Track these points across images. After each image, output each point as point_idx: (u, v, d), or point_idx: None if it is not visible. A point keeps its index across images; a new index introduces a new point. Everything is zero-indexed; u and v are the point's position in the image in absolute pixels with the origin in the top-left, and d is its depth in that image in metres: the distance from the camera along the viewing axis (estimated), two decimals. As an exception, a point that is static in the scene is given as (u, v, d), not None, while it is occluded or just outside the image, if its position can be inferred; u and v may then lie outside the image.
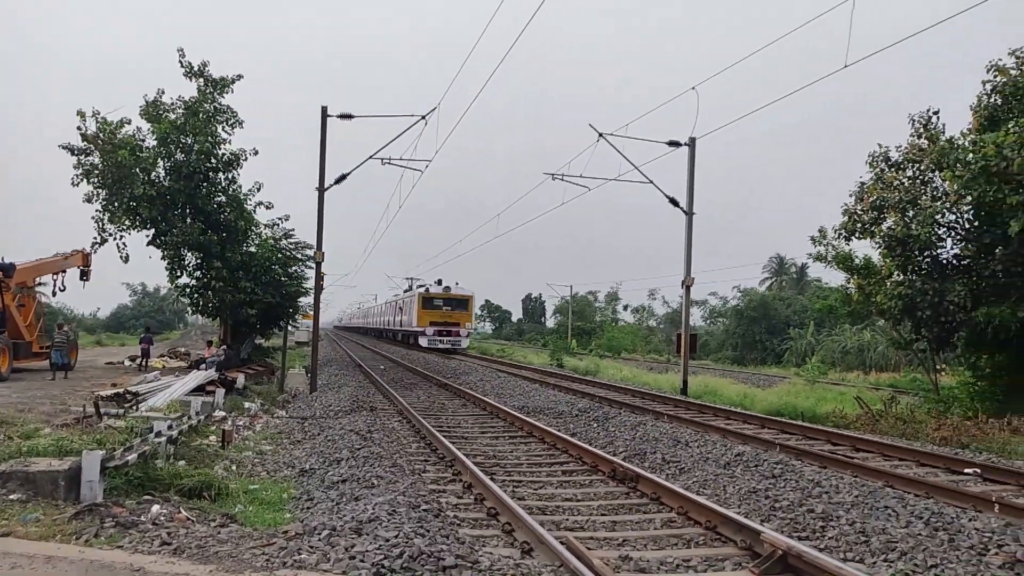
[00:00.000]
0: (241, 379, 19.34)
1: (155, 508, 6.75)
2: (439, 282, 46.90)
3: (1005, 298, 15.89)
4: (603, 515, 7.58)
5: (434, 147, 29.29)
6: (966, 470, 10.05)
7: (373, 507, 6.71)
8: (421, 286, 49.83)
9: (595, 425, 13.68)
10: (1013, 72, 16.15)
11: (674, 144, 22.46)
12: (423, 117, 19.76)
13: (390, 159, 21.34)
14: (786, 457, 10.38)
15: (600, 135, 21.62)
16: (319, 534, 5.87)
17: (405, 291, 58.19)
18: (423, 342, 44.49)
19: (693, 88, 18.68)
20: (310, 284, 24.76)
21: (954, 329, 17.37)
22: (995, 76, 16.42)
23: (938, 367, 22.26)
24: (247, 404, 16.02)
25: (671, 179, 23.13)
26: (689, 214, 22.53)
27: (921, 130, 18.65)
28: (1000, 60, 16.55)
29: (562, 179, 23.73)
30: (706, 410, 16.99)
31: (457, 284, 46.59)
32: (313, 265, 20.70)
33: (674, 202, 22.81)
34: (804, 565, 5.44)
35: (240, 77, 22.43)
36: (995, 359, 17.85)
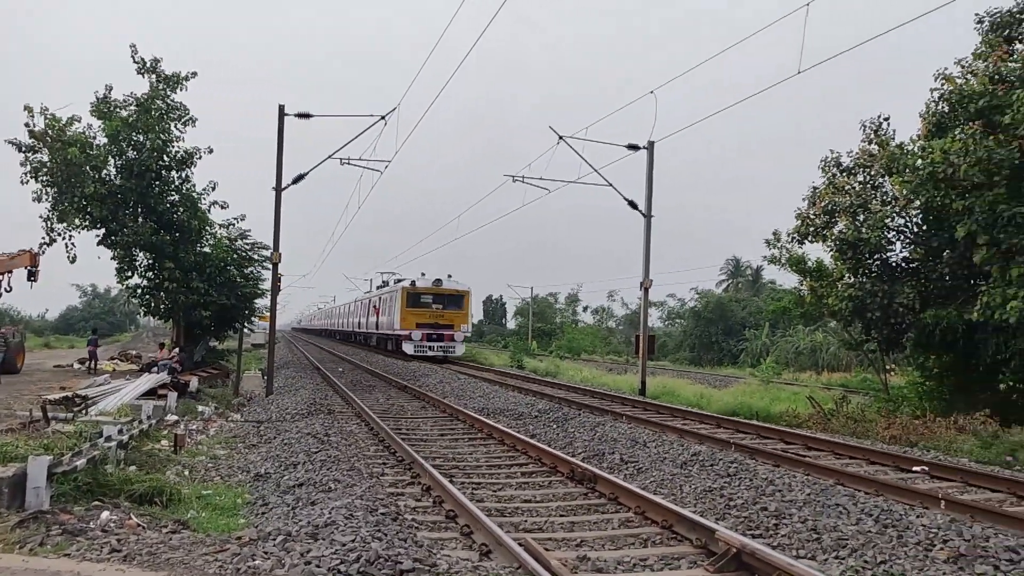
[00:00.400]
0: (194, 382, 19.00)
1: (104, 515, 6.58)
2: (425, 275, 38.98)
3: (951, 300, 16.37)
4: (562, 516, 7.61)
5: (400, 148, 29.04)
6: (914, 468, 10.32)
7: (330, 511, 6.63)
8: (399, 280, 41.78)
9: (555, 426, 13.73)
10: (959, 80, 16.64)
11: (633, 147, 22.69)
12: (383, 117, 19.65)
13: (349, 159, 21.16)
14: (741, 456, 10.54)
15: (560, 138, 21.75)
16: (274, 539, 5.79)
17: (380, 287, 49.81)
18: (408, 349, 36.33)
19: (652, 92, 18.92)
20: (267, 285, 24.41)
21: (903, 330, 17.84)
22: (942, 84, 16.90)
23: (887, 367, 22.85)
24: (201, 408, 15.73)
25: (631, 182, 23.34)
26: (647, 217, 22.77)
27: (872, 136, 19.15)
28: (947, 69, 17.06)
29: (522, 181, 23.84)
30: (664, 410, 17.18)
31: (450, 277, 38.60)
32: (270, 266, 20.39)
33: (633, 205, 23.03)
34: (757, 563, 5.53)
35: (195, 75, 22.02)
36: (942, 360, 18.38)
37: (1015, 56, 16.18)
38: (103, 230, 21.74)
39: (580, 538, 6.75)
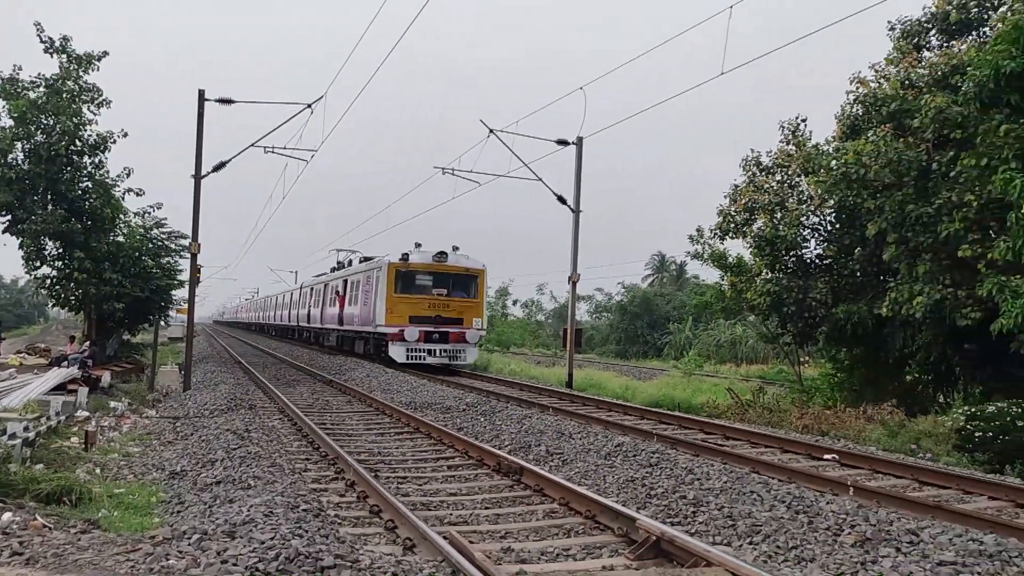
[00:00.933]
0: (107, 377, 18.26)
1: (6, 516, 6.25)
2: (421, 246, 26.09)
3: (862, 296, 17.13)
4: (487, 508, 7.64)
5: (327, 138, 28.41)
6: (825, 456, 10.75)
7: (249, 509, 6.48)
8: (369, 259, 29.36)
9: (482, 419, 13.74)
10: (872, 84, 17.40)
11: (562, 143, 22.85)
12: (309, 106, 19.21)
13: (273, 148, 20.65)
14: (663, 446, 10.78)
15: (491, 131, 21.73)
16: (189, 538, 5.61)
17: (337, 268, 36.41)
18: (397, 354, 24.49)
19: (581, 88, 19.07)
20: (185, 277, 23.62)
21: (816, 324, 18.59)
22: (857, 88, 17.64)
23: (802, 360, 23.79)
24: (113, 404, 15.12)
25: (562, 177, 23.51)
26: (576, 212, 23.00)
27: (790, 136, 19.86)
28: (861, 72, 17.82)
29: (452, 173, 23.71)
30: (590, 402, 17.42)
31: (457, 250, 26.61)
32: (188, 256, 19.72)
33: (562, 200, 23.22)
34: (675, 549, 5.68)
35: (106, 54, 21.06)
36: (852, 352, 19.25)
37: (923, 63, 17.03)
38: (9, 217, 20.62)
39: (505, 530, 6.80)
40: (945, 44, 17.43)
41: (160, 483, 8.56)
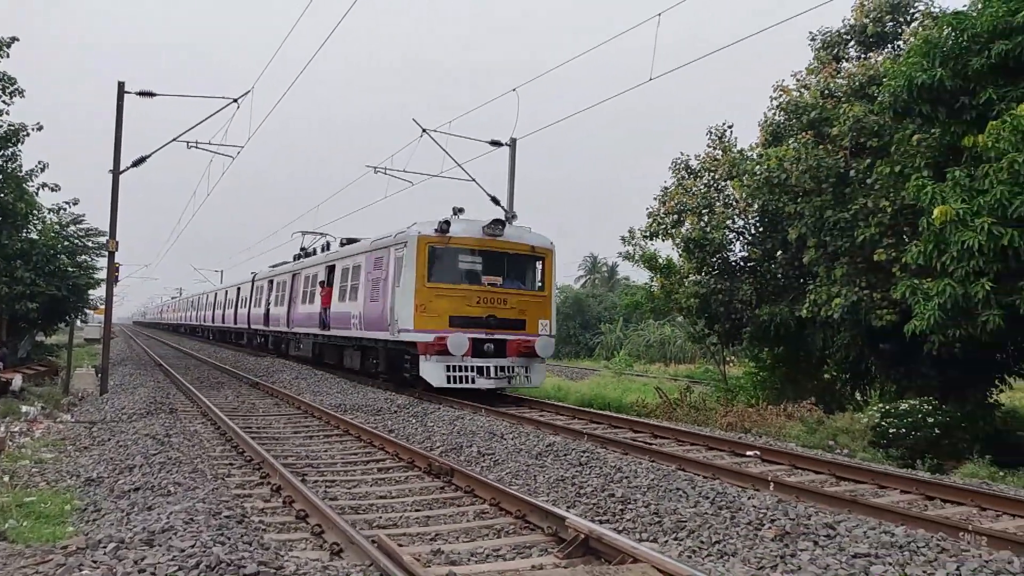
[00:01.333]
0: (18, 380, 17.38)
1: (-99, 530, 5.89)
2: (461, 213, 18.12)
3: (784, 297, 17.70)
4: (417, 511, 7.58)
5: (254, 134, 27.56)
6: (747, 452, 11.07)
7: (168, 516, 6.26)
8: (351, 241, 22.78)
9: (414, 421, 13.64)
10: (794, 92, 18.01)
11: (495, 144, 22.87)
12: (235, 100, 18.69)
13: (197, 143, 20.03)
14: (592, 445, 10.91)
15: (424, 130, 21.55)
16: (104, 547, 5.38)
17: (303, 256, 28.75)
18: (432, 374, 16.40)
19: (514, 90, 19.08)
20: (102, 275, 22.69)
21: (742, 325, 19.11)
22: (780, 95, 18.23)
23: (727, 359, 24.43)
24: (25, 408, 14.42)
25: (498, 178, 23.52)
26: (509, 213, 23.04)
27: (717, 142, 20.37)
28: (784, 81, 18.43)
29: (384, 173, 23.44)
30: (522, 403, 17.46)
31: (512, 220, 19.95)
32: (106, 254, 18.96)
33: (495, 200, 23.21)
34: (603, 547, 5.76)
35: (16, 40, 20.05)
36: (775, 352, 19.88)
37: (842, 74, 17.72)
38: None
39: (435, 532, 6.76)
40: (863, 56, 18.19)
41: (75, 490, 8.20)
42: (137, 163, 19.15)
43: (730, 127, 20.36)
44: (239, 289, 39.62)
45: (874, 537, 6.17)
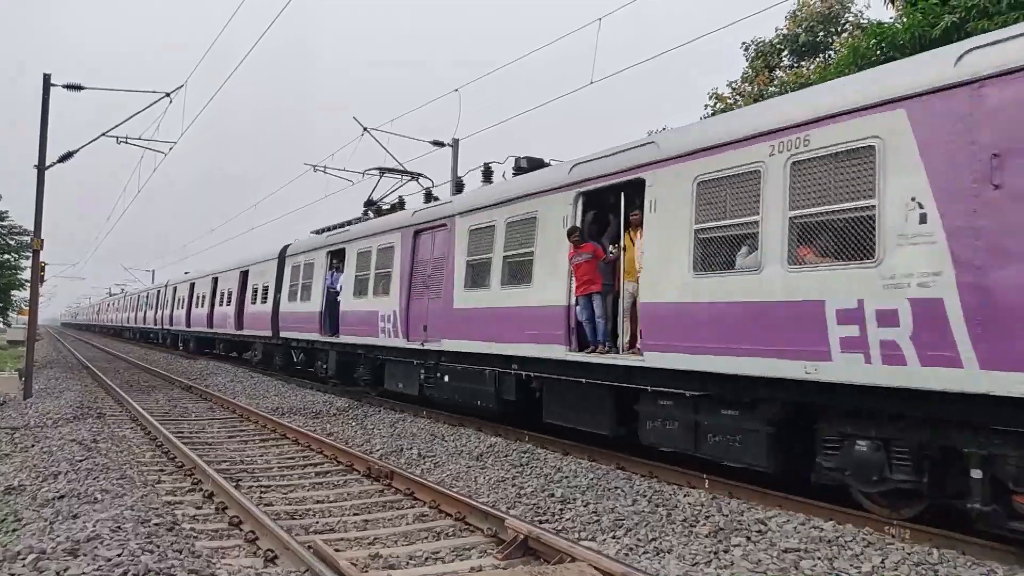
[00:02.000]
0: (-67, 385, 16.54)
1: None
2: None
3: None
4: (355, 515, 7.48)
5: (187, 129, 26.82)
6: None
7: (94, 524, 6.05)
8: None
9: (354, 424, 13.48)
10: (729, 100, 18.47)
11: (438, 144, 22.79)
12: (167, 94, 18.18)
13: (127, 138, 19.42)
14: (533, 446, 10.95)
15: (365, 129, 21.31)
16: (24, 559, 5.17)
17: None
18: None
19: (456, 90, 19.03)
20: (27, 275, 21.77)
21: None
22: (715, 103, 18.68)
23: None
24: (-60, 414, 13.72)
25: (441, 178, 23.43)
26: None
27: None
28: (718, 88, 18.88)
29: (324, 171, 23.10)
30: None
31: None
32: (30, 254, 18.20)
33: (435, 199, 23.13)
34: (542, 547, 5.79)
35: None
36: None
37: (775, 81, 18.25)
38: None
39: (373, 536, 6.69)
40: (795, 64, 18.75)
41: (-8, 500, 7.84)
42: (64, 158, 18.45)
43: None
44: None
45: (804, 532, 6.36)
